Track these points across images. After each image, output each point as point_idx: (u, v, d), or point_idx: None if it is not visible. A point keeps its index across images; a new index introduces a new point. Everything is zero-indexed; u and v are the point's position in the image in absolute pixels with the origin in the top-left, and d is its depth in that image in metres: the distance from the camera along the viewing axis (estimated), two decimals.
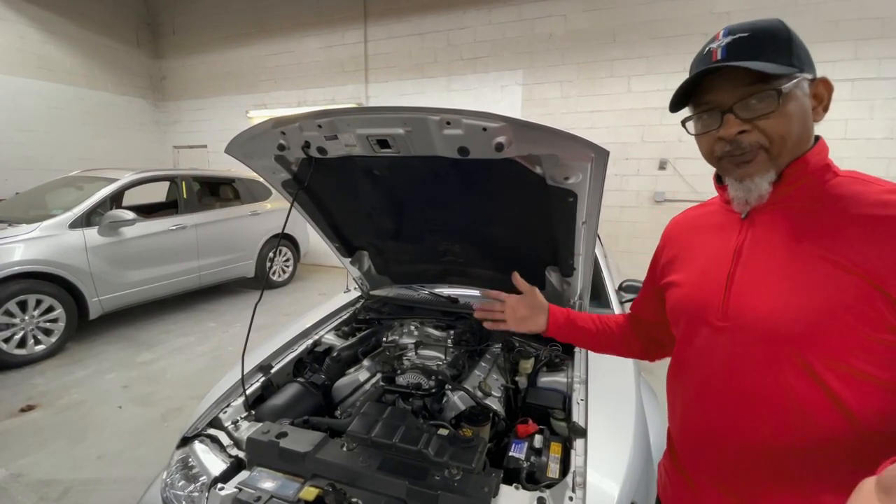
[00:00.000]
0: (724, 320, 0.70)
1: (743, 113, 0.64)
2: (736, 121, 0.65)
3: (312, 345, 1.82)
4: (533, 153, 1.12)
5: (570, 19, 5.21)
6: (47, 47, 6.62)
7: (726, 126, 0.65)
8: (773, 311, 0.64)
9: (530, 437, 1.22)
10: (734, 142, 0.66)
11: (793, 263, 0.64)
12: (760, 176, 0.66)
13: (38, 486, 2.17)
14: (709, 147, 0.71)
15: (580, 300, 1.71)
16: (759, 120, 0.64)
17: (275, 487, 1.04)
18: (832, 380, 0.60)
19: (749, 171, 0.67)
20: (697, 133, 0.72)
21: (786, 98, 0.62)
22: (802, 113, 0.64)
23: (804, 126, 0.65)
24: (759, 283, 0.67)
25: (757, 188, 0.67)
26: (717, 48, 0.65)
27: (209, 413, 1.36)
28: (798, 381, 0.62)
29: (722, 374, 0.70)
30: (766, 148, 0.65)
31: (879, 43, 4.11)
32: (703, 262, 0.77)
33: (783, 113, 0.63)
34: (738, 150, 0.66)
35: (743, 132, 0.65)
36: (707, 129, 0.69)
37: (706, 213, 0.84)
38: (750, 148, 0.65)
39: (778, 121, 0.63)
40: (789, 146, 0.65)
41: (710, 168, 0.78)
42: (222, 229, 5.03)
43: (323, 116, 1.18)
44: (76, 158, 6.69)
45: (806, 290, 0.62)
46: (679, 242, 0.86)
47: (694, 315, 0.75)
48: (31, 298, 3.47)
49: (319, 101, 6.80)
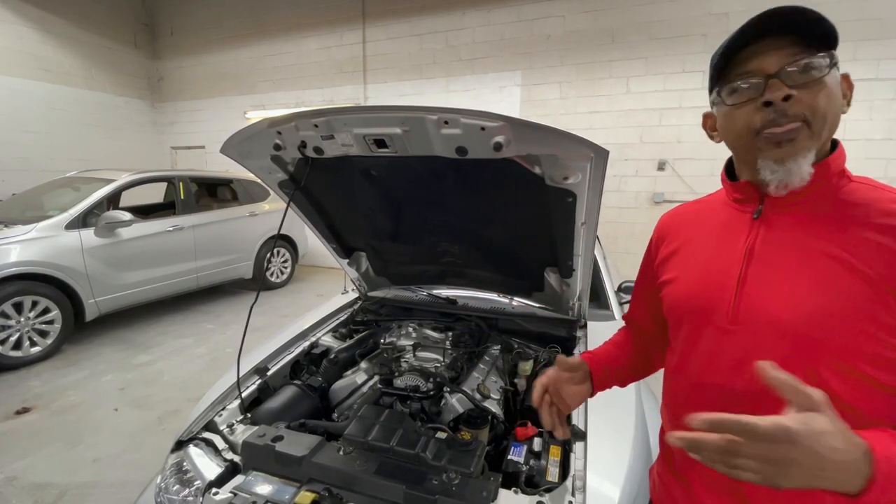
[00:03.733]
0: (733, 323, 0.67)
1: (788, 80, 0.61)
2: (782, 85, 0.60)
3: (309, 347, 1.80)
4: (532, 153, 1.11)
5: (568, 20, 5.22)
6: (45, 48, 6.60)
7: (772, 89, 0.61)
8: (788, 315, 0.62)
9: (529, 440, 1.20)
10: (779, 108, 0.61)
11: (808, 267, 0.63)
12: (803, 156, 0.62)
13: (33, 489, 2.15)
14: (747, 119, 0.65)
15: (579, 301, 1.70)
16: (802, 90, 0.60)
17: (270, 492, 1.03)
18: (839, 386, 0.59)
19: (791, 151, 0.62)
20: (734, 103, 0.66)
21: (831, 71, 0.61)
22: (838, 96, 0.63)
23: (837, 112, 0.63)
24: (773, 286, 0.65)
25: (799, 170, 0.62)
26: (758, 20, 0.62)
27: (204, 416, 1.34)
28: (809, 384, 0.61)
29: (729, 377, 0.68)
30: (808, 122, 0.61)
31: (878, 44, 4.12)
32: (708, 261, 0.74)
33: (827, 86, 0.61)
34: (782, 119, 0.61)
35: (789, 98, 0.60)
36: (746, 98, 0.64)
37: (707, 210, 0.81)
38: (794, 117, 0.61)
39: (822, 94, 0.61)
40: (827, 126, 0.63)
41: (707, 169, 0.76)
42: (220, 230, 5.01)
43: (319, 116, 1.17)
44: (73, 159, 6.67)
45: (821, 293, 0.60)
46: (677, 238, 0.83)
47: (699, 316, 0.72)
48: (27, 300, 3.45)
49: (318, 102, 6.79)
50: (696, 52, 4.66)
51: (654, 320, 0.91)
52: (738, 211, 0.73)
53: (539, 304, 1.86)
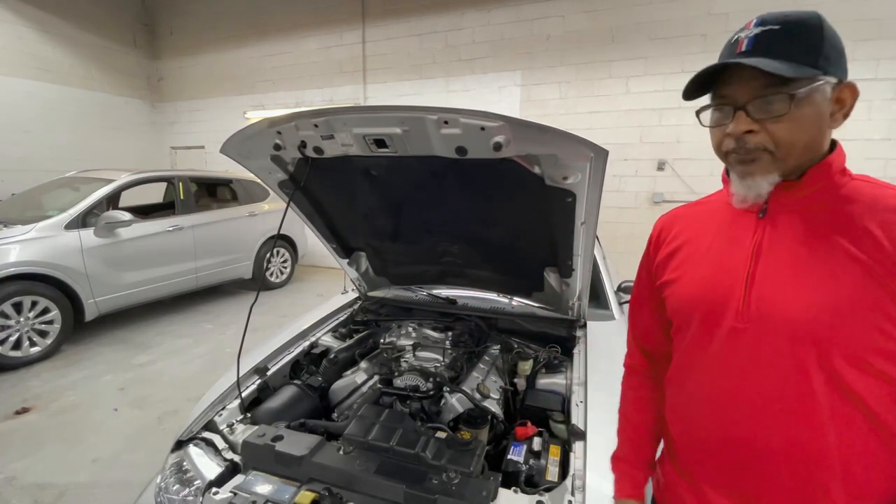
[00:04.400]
0: (744, 322, 0.67)
1: (755, 112, 0.63)
2: (746, 119, 0.64)
3: (309, 347, 1.80)
4: (531, 153, 1.11)
5: (568, 20, 5.22)
6: (45, 48, 6.60)
7: (735, 123, 0.64)
8: (799, 311, 0.63)
9: (529, 439, 1.21)
10: (740, 140, 0.65)
11: (816, 263, 0.63)
12: (762, 176, 0.66)
13: (32, 489, 2.14)
14: (718, 141, 0.70)
15: (579, 301, 1.70)
16: (769, 122, 0.63)
17: (270, 492, 1.03)
18: (854, 380, 0.60)
19: (751, 170, 0.66)
20: (709, 125, 0.71)
21: (799, 103, 0.61)
22: (817, 118, 0.63)
23: (818, 132, 0.64)
24: (783, 284, 0.65)
25: (756, 187, 0.67)
26: (745, 38, 0.64)
27: (204, 416, 1.34)
28: (821, 383, 0.62)
29: (740, 377, 0.68)
30: (770, 151, 0.64)
31: (877, 44, 4.12)
32: (715, 260, 0.74)
33: (794, 117, 0.62)
34: (741, 150, 0.66)
35: (750, 132, 0.64)
36: (718, 123, 0.69)
37: (708, 210, 0.81)
38: (754, 148, 0.64)
39: (788, 125, 0.62)
40: (796, 152, 0.64)
41: (707, 169, 0.77)
42: (219, 230, 5.01)
43: (319, 116, 1.17)
44: (73, 159, 6.66)
45: (831, 290, 0.61)
46: (678, 238, 0.82)
47: (708, 315, 0.72)
48: (27, 300, 3.44)
49: (317, 102, 6.79)
50: (695, 52, 4.66)
51: (662, 328, 0.88)
52: (743, 210, 0.73)
53: (539, 303, 1.87)
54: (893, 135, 4.25)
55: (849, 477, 0.62)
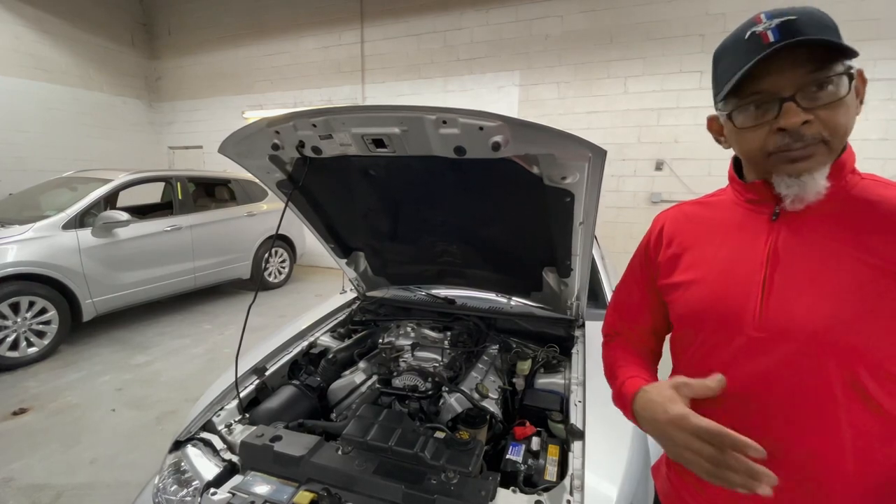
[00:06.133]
0: (761, 330, 0.64)
1: (805, 101, 0.58)
2: (798, 109, 0.58)
3: (308, 347, 1.80)
4: (530, 153, 1.11)
5: (566, 20, 5.22)
6: (42, 47, 6.57)
7: (787, 115, 0.58)
8: (819, 320, 0.60)
9: (528, 439, 1.21)
10: (795, 133, 0.59)
11: (833, 269, 0.61)
12: (819, 171, 0.61)
13: (29, 490, 2.14)
14: (760, 141, 0.62)
15: (577, 301, 1.70)
16: (820, 110, 0.58)
17: (269, 492, 1.03)
18: (878, 392, 0.58)
19: (809, 165, 0.60)
20: (746, 126, 0.63)
21: (851, 84, 0.58)
22: (855, 104, 0.60)
23: (854, 118, 0.61)
24: (801, 291, 0.62)
25: (815, 184, 0.61)
26: (766, 31, 0.58)
27: (202, 416, 1.34)
28: (843, 392, 0.59)
29: (758, 387, 0.65)
30: (826, 141, 0.59)
31: (874, 44, 4.13)
32: (727, 265, 0.70)
33: (845, 102, 0.58)
34: (798, 143, 0.59)
35: (806, 122, 0.58)
36: (759, 121, 0.62)
37: (715, 209, 0.78)
38: (812, 140, 0.59)
39: (840, 111, 0.58)
40: (846, 139, 0.61)
41: (704, 169, 0.76)
42: (218, 230, 5.00)
43: (317, 115, 1.17)
44: (70, 159, 6.64)
45: (851, 297, 0.59)
46: (684, 238, 0.78)
47: (721, 322, 0.68)
48: (24, 300, 3.43)
49: (316, 101, 6.78)
50: (693, 52, 4.67)
51: (654, 317, 0.87)
52: (753, 212, 0.70)
53: (537, 303, 1.87)
54: (890, 135, 4.26)
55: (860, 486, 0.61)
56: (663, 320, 0.86)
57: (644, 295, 0.87)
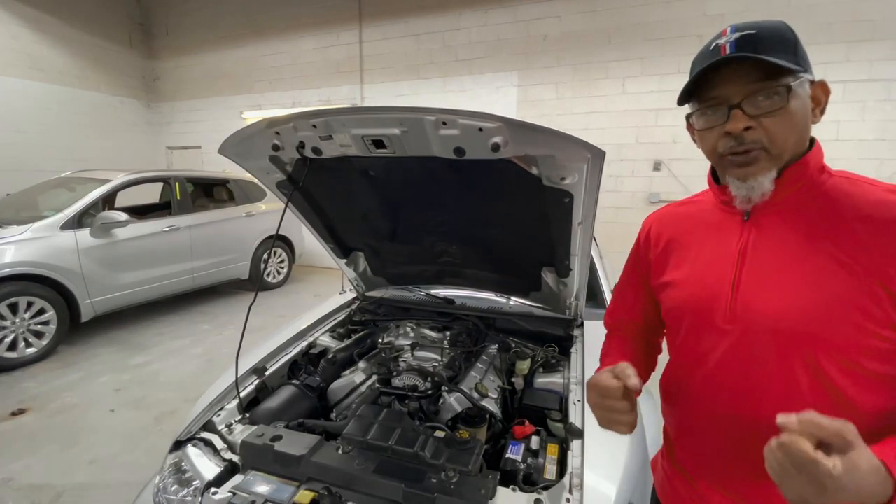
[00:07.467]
0: (731, 323, 0.69)
1: (750, 109, 0.64)
2: (743, 116, 0.64)
3: (307, 347, 1.80)
4: (529, 153, 1.12)
5: (564, 21, 5.23)
6: (39, 47, 6.56)
7: (733, 121, 0.65)
8: (782, 312, 0.64)
9: (527, 438, 1.21)
10: (738, 137, 0.65)
11: (799, 263, 0.65)
12: (763, 175, 0.66)
13: (29, 490, 2.13)
14: (712, 143, 0.69)
15: (576, 301, 1.71)
16: (764, 117, 0.63)
17: (269, 491, 1.03)
18: (839, 377, 0.61)
19: (752, 171, 0.67)
20: (702, 128, 0.71)
21: (792, 96, 0.63)
22: (804, 114, 0.65)
23: (804, 127, 0.66)
24: (766, 285, 0.67)
25: (760, 186, 0.67)
26: (726, 44, 0.65)
27: (202, 416, 1.34)
28: (806, 380, 0.63)
29: (729, 377, 0.70)
30: (766, 148, 0.65)
31: (871, 45, 4.15)
32: (704, 263, 0.76)
33: (788, 111, 0.63)
34: (740, 147, 0.66)
35: (748, 128, 0.64)
36: (712, 124, 0.68)
37: (697, 211, 0.83)
38: (752, 145, 0.65)
39: (782, 119, 0.63)
40: (790, 146, 0.65)
41: (702, 169, 0.78)
42: (216, 230, 4.99)
43: (318, 116, 1.17)
44: (68, 159, 6.63)
45: (814, 289, 0.63)
46: (671, 239, 0.84)
47: (698, 317, 0.74)
48: (22, 301, 3.42)
49: (314, 102, 6.78)
50: (691, 52, 4.57)
51: (646, 314, 0.92)
52: (728, 213, 0.76)
53: (536, 303, 1.87)
54: (887, 135, 4.28)
55: None
56: (657, 317, 0.90)
57: (638, 294, 0.93)
